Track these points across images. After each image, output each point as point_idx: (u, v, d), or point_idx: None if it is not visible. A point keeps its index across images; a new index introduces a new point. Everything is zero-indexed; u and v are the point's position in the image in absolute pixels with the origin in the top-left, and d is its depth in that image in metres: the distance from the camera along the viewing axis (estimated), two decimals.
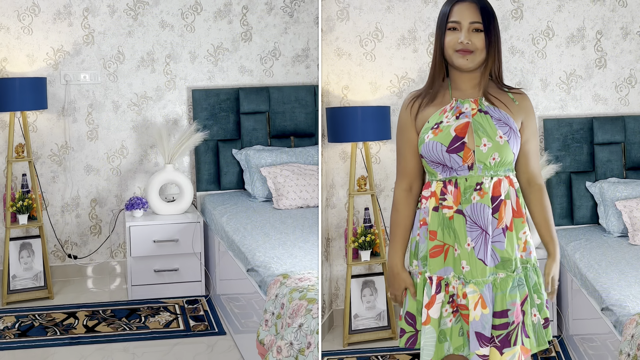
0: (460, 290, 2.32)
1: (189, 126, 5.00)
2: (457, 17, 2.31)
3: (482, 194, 2.29)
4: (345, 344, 4.28)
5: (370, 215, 4.56)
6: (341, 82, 4.61)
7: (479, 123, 2.31)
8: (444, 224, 2.33)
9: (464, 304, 2.31)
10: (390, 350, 4.17)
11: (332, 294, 4.68)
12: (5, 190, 4.62)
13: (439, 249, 2.34)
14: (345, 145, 4.62)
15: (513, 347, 2.28)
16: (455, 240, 2.31)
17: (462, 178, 2.31)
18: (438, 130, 2.32)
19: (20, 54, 4.80)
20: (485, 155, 2.29)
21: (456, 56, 2.31)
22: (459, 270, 2.32)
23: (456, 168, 2.31)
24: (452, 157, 2.30)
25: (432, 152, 2.31)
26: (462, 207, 2.30)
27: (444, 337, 2.34)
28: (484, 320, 2.27)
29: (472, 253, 2.29)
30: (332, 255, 4.67)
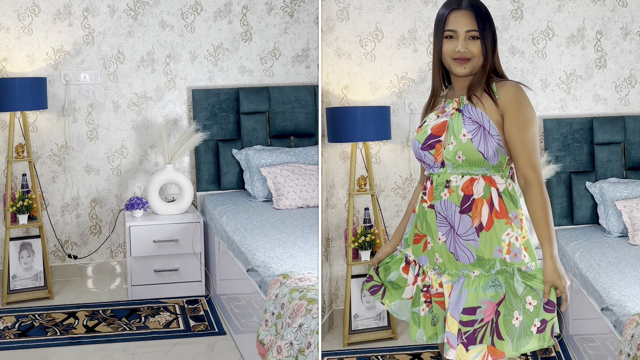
0: (436, 281, 2.42)
1: (189, 126, 5.00)
2: (454, 25, 2.36)
3: (450, 191, 2.35)
4: (345, 344, 4.28)
5: (370, 215, 4.56)
6: (341, 82, 4.61)
7: (452, 122, 2.36)
8: (422, 216, 2.44)
9: (441, 292, 2.41)
10: (390, 350, 4.17)
11: (332, 294, 4.68)
12: (5, 190, 4.62)
13: (419, 238, 2.47)
14: (345, 145, 4.62)
15: (479, 344, 2.27)
16: (429, 233, 2.42)
17: (435, 175, 2.40)
18: (420, 129, 2.44)
19: (20, 54, 4.80)
20: (452, 154, 2.34)
21: (454, 64, 2.37)
22: (433, 261, 2.43)
23: (431, 165, 2.40)
24: (426, 154, 2.40)
25: (414, 149, 2.45)
26: (434, 203, 2.38)
27: (417, 321, 2.47)
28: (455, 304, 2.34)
29: (443, 246, 2.37)
30: (332, 255, 4.67)
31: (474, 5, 2.36)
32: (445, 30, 2.36)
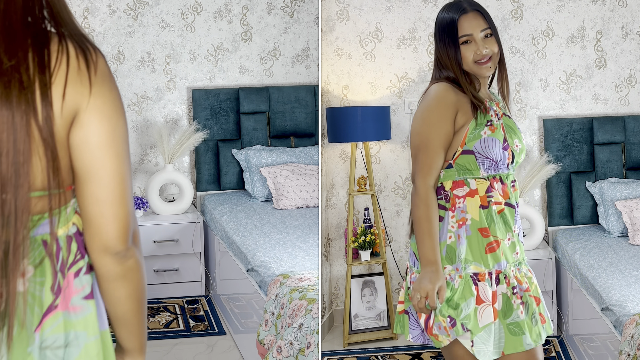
0: (523, 275, 2.38)
1: (189, 126, 5.00)
2: (469, 29, 2.33)
3: (514, 189, 2.40)
4: (345, 344, 4.28)
5: (370, 215, 4.56)
6: (341, 82, 4.61)
7: (508, 125, 2.39)
8: (495, 219, 2.33)
9: (527, 286, 2.36)
10: (390, 350, 4.17)
11: (332, 294, 4.68)
12: None
13: (496, 244, 2.32)
14: (345, 145, 4.62)
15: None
16: (507, 232, 2.36)
17: (504, 175, 2.38)
18: (493, 127, 2.34)
19: None
20: (518, 155, 2.39)
21: (478, 67, 2.34)
22: (512, 258, 2.36)
23: (501, 166, 2.36)
24: (504, 154, 2.35)
25: (490, 148, 2.31)
26: (511, 201, 2.38)
27: (519, 330, 2.30)
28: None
29: (517, 238, 2.39)
30: (332, 255, 4.68)
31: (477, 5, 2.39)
32: (461, 37, 2.33)
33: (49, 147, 1.21)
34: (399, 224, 4.69)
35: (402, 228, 4.69)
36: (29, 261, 1.24)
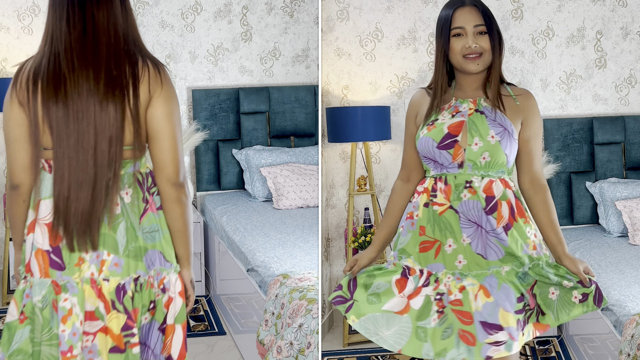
0: (455, 286, 2.30)
1: (189, 126, 5.00)
2: (461, 22, 2.33)
3: (472, 191, 2.31)
4: (345, 344, 4.28)
5: (370, 215, 4.56)
6: (341, 82, 4.61)
7: (474, 122, 2.33)
8: (434, 220, 2.34)
9: (459, 299, 2.28)
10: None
11: None
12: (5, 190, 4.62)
13: (429, 245, 2.35)
14: (345, 145, 4.62)
15: (526, 325, 2.31)
16: (450, 236, 2.32)
17: (451, 175, 2.34)
18: (432, 127, 2.36)
19: (20, 53, 4.80)
20: (476, 154, 2.31)
21: (465, 61, 2.33)
22: (452, 265, 2.32)
23: (446, 165, 2.34)
24: (442, 154, 2.33)
25: (424, 148, 2.36)
26: (454, 204, 2.32)
27: (424, 335, 2.30)
28: (488, 308, 2.25)
29: (468, 248, 2.31)
30: (332, 255, 4.68)
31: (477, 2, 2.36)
32: (453, 29, 2.32)
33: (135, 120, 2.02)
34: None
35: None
36: (128, 186, 2.05)
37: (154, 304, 2.11)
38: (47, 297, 2.03)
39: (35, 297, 2.04)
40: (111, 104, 1.99)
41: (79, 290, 2.03)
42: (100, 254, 2.03)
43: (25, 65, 2.07)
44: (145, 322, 2.10)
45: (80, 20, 2.04)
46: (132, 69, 2.02)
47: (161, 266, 2.11)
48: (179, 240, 2.14)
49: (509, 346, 2.24)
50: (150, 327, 2.12)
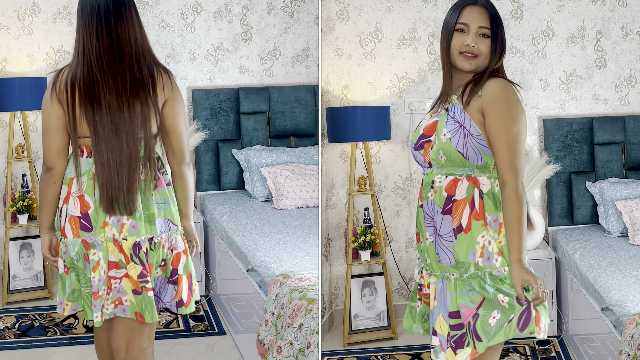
0: (426, 280, 2.42)
1: (189, 126, 5.00)
2: (467, 19, 2.31)
3: (434, 191, 2.33)
4: (345, 344, 4.28)
5: (370, 215, 4.56)
6: (341, 82, 4.61)
7: (440, 122, 2.34)
8: (417, 216, 2.44)
9: (427, 293, 2.41)
10: (390, 350, 4.17)
11: (332, 294, 4.68)
12: (6, 190, 4.62)
13: (418, 237, 2.46)
14: (345, 145, 4.62)
15: (465, 348, 2.28)
16: (421, 233, 2.42)
17: (425, 175, 2.39)
18: (415, 129, 2.43)
19: (20, 54, 4.80)
20: (435, 153, 2.32)
21: (459, 58, 2.32)
22: (424, 260, 2.42)
23: (422, 165, 2.40)
24: (418, 155, 2.39)
25: (410, 149, 2.47)
26: (423, 203, 2.38)
27: (412, 316, 2.51)
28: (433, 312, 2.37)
29: (430, 247, 2.36)
30: (332, 255, 4.68)
31: (489, 4, 2.34)
32: (457, 23, 2.31)
33: (157, 114, 2.58)
34: (399, 224, 4.69)
35: (402, 228, 4.69)
36: (143, 166, 2.58)
37: (164, 262, 2.65)
38: (80, 252, 2.56)
39: (71, 252, 2.56)
40: (137, 101, 2.54)
41: (103, 247, 2.55)
42: (121, 218, 2.55)
43: (62, 72, 2.57)
44: (157, 275, 2.65)
45: (107, 35, 2.53)
46: (149, 73, 2.57)
47: (170, 230, 2.64)
48: (185, 202, 2.73)
49: (436, 352, 2.30)
50: (162, 281, 2.68)
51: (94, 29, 2.54)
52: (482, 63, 2.32)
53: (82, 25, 2.57)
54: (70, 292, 2.62)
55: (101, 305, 2.56)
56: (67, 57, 4.86)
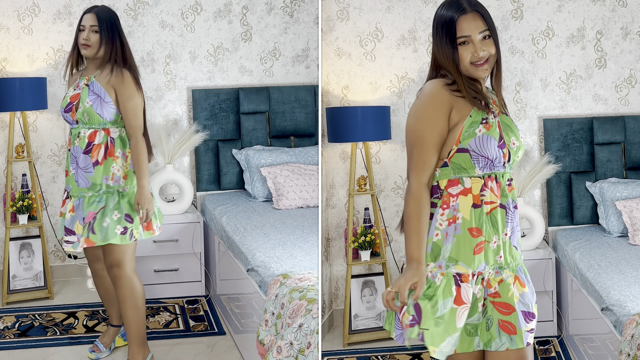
0: (494, 280, 2.36)
1: (189, 126, 5.00)
2: (467, 31, 2.31)
3: (510, 189, 2.38)
4: (345, 344, 4.28)
5: (370, 215, 4.56)
6: (341, 82, 4.61)
7: (505, 123, 2.39)
8: (485, 220, 2.33)
9: (497, 291, 2.35)
10: (390, 350, 4.17)
11: (332, 294, 4.68)
12: (5, 190, 4.62)
13: (482, 246, 2.33)
14: (345, 145, 4.62)
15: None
16: (495, 233, 2.34)
17: (500, 174, 2.36)
18: (488, 126, 2.34)
19: (20, 54, 4.80)
20: (515, 153, 2.39)
21: (474, 69, 2.33)
22: (494, 261, 2.35)
23: (496, 164, 2.35)
24: (499, 152, 2.34)
25: (485, 146, 2.31)
26: (503, 201, 2.36)
27: (474, 332, 2.36)
28: (525, 298, 2.37)
29: (508, 241, 2.37)
30: (332, 255, 4.68)
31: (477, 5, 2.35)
32: (459, 37, 2.31)
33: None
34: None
35: None
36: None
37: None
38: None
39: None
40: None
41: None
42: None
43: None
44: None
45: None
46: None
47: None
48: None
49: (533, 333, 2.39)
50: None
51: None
52: (493, 62, 2.37)
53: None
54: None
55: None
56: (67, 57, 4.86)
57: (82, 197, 3.41)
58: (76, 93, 3.43)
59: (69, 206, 3.43)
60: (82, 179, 3.40)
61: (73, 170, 3.42)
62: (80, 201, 3.41)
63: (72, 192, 3.41)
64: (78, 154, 3.42)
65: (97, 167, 3.39)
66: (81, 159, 3.40)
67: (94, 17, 3.39)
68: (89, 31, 3.39)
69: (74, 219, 3.41)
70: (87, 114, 3.38)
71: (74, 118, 3.41)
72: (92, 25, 3.38)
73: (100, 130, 3.41)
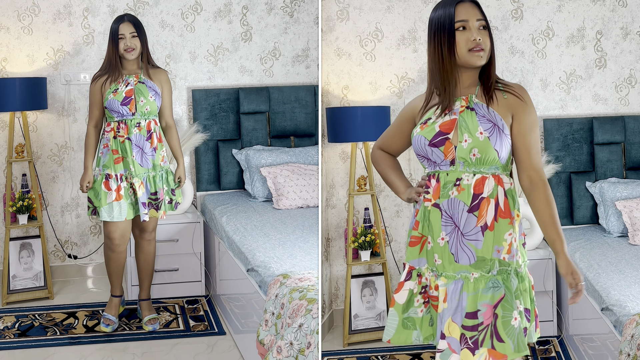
0: (433, 282, 2.39)
1: (189, 126, 4.99)
2: (465, 15, 2.32)
3: (460, 189, 2.32)
4: (345, 344, 4.28)
5: (370, 215, 4.56)
6: (341, 82, 4.61)
7: (464, 119, 2.34)
8: (425, 216, 2.39)
9: (436, 295, 2.38)
10: (390, 350, 4.17)
11: (332, 294, 4.68)
12: (5, 190, 4.62)
13: (417, 240, 2.41)
14: (345, 145, 4.62)
15: (480, 348, 2.27)
16: (429, 233, 2.38)
17: (443, 172, 2.36)
18: (425, 126, 2.39)
19: (20, 54, 4.80)
20: (466, 151, 2.32)
21: (469, 55, 2.32)
22: (432, 262, 2.38)
23: (439, 163, 2.36)
24: (434, 151, 2.35)
25: (418, 146, 2.39)
26: (440, 202, 2.35)
27: (412, 325, 2.43)
28: (443, 314, 2.34)
29: (445, 247, 2.34)
30: (332, 255, 4.68)
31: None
32: (457, 21, 2.31)
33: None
34: (399, 224, 4.69)
35: (402, 228, 4.69)
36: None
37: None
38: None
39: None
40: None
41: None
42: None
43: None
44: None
45: None
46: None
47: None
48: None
49: (445, 356, 2.29)
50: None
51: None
52: (488, 55, 2.35)
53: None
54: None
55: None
56: (68, 57, 4.86)
57: (146, 177, 3.97)
58: (129, 89, 3.91)
59: (138, 183, 3.94)
60: (146, 162, 3.96)
61: (135, 155, 3.91)
62: (145, 180, 3.97)
63: (136, 173, 3.92)
64: (140, 141, 3.94)
65: (157, 151, 3.98)
66: (145, 144, 3.95)
67: (131, 25, 3.89)
68: (130, 37, 3.88)
69: (145, 195, 3.97)
70: (149, 107, 3.92)
71: (132, 110, 3.90)
72: (131, 32, 3.88)
73: (152, 120, 3.97)
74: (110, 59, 3.93)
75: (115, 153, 3.93)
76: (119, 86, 3.92)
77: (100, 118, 4.02)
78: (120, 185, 3.94)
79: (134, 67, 3.98)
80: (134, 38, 3.89)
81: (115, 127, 3.95)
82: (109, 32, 3.94)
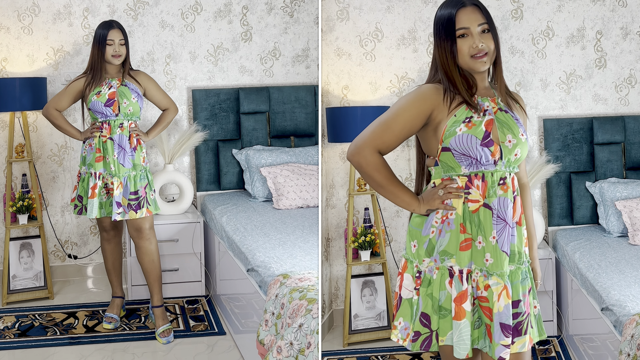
0: (482, 283, 2.34)
1: (189, 126, 5.00)
2: (466, 22, 2.33)
3: (505, 188, 2.35)
4: (345, 344, 4.28)
5: (370, 215, 4.56)
6: (341, 82, 4.61)
7: (502, 120, 2.37)
8: (469, 218, 2.36)
9: (485, 296, 2.33)
10: (390, 350, 4.17)
11: (332, 294, 4.68)
12: (5, 190, 4.62)
13: (469, 243, 2.36)
14: (345, 145, 4.62)
15: (523, 335, 2.35)
16: (479, 233, 2.34)
17: (488, 172, 2.35)
18: (471, 124, 2.34)
19: (20, 54, 4.80)
20: (510, 151, 2.35)
21: (473, 61, 2.34)
22: (481, 262, 2.34)
23: (484, 162, 2.34)
24: (484, 151, 2.33)
25: (466, 145, 2.32)
26: (488, 201, 2.34)
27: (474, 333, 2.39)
28: (507, 310, 2.31)
29: (496, 246, 2.33)
30: (332, 255, 4.68)
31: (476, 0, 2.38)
32: (458, 29, 2.33)
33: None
34: (399, 224, 4.70)
35: (402, 228, 4.69)
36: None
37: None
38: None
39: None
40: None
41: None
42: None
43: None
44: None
45: None
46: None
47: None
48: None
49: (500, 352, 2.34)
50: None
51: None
52: (492, 57, 2.37)
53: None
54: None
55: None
56: (68, 57, 4.86)
57: (127, 177, 4.02)
58: (112, 91, 4.02)
59: (117, 183, 4.00)
60: (127, 162, 4.03)
61: (117, 155, 4.01)
62: (125, 180, 4.01)
63: (116, 172, 4.00)
64: (122, 141, 4.04)
65: (137, 152, 4.07)
66: (126, 144, 4.04)
67: (120, 32, 4.01)
68: (118, 44, 3.99)
69: (121, 195, 4.01)
70: (132, 108, 4.04)
71: (115, 112, 4.01)
72: (120, 39, 4.00)
73: (134, 121, 4.10)
74: (94, 62, 4.03)
75: (97, 152, 4.04)
76: (101, 89, 4.03)
77: (64, 109, 4.14)
78: (96, 184, 4.03)
79: (115, 71, 4.08)
80: (122, 46, 4.02)
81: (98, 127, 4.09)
82: (94, 36, 4.01)
